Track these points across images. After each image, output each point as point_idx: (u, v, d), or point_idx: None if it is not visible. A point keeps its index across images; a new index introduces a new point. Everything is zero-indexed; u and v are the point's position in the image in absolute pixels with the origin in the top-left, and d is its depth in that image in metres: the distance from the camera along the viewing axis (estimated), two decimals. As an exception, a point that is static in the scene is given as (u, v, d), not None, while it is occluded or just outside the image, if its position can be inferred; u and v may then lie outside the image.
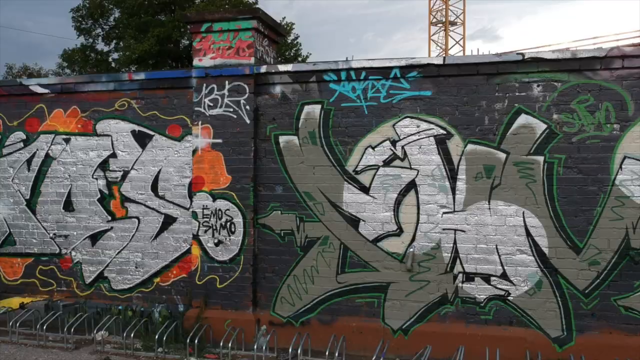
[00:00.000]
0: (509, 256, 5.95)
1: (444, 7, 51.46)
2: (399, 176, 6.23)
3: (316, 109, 6.47)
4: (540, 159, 5.85)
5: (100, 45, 27.04)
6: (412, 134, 6.20)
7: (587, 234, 5.74)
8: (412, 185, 6.21)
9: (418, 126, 6.18)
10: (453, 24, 52.20)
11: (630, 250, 5.63)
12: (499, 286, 5.98)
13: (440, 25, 52.26)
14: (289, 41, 28.43)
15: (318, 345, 6.05)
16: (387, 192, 6.27)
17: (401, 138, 6.23)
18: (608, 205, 5.69)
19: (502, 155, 5.94)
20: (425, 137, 6.17)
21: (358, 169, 6.35)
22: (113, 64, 25.99)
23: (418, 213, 6.19)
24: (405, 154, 6.22)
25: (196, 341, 6.21)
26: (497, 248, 5.98)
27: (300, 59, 28.68)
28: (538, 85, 5.86)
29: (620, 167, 5.66)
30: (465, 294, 6.07)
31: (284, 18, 37.67)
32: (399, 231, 6.24)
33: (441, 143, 6.12)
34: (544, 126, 5.84)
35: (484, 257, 6.01)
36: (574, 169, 5.77)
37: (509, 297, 5.96)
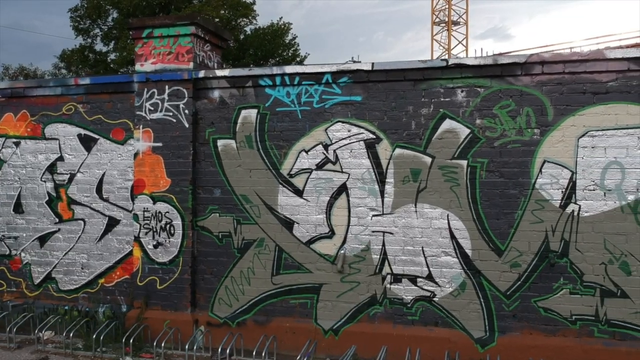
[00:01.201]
0: (434, 258, 6.08)
1: (446, 6, 51.61)
2: (331, 179, 6.36)
3: (252, 113, 6.61)
4: (464, 163, 5.98)
5: (99, 46, 27.23)
6: (343, 138, 6.34)
7: (509, 237, 5.87)
8: (343, 189, 6.34)
9: (349, 130, 6.32)
10: (456, 23, 52.32)
11: (550, 252, 5.75)
12: (425, 287, 6.11)
13: (443, 25, 52.40)
14: (287, 41, 28.63)
15: (253, 345, 6.17)
16: (319, 195, 6.40)
17: (333, 142, 6.36)
18: (528, 209, 5.82)
19: (428, 159, 6.07)
20: (356, 141, 6.30)
21: (292, 172, 6.48)
22: (112, 65, 26.14)
23: (349, 216, 6.32)
24: (337, 157, 6.35)
25: (131, 341, 6.34)
26: (423, 250, 6.11)
27: (298, 59, 28.83)
28: (462, 91, 5.99)
29: (540, 171, 5.79)
30: (393, 295, 6.20)
31: (280, 18, 37.80)
32: (331, 233, 6.37)
33: (371, 147, 6.25)
34: (468, 131, 5.97)
35: (410, 259, 6.14)
36: (496, 172, 5.90)
37: (434, 298, 6.09)
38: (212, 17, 24.12)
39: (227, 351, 6.02)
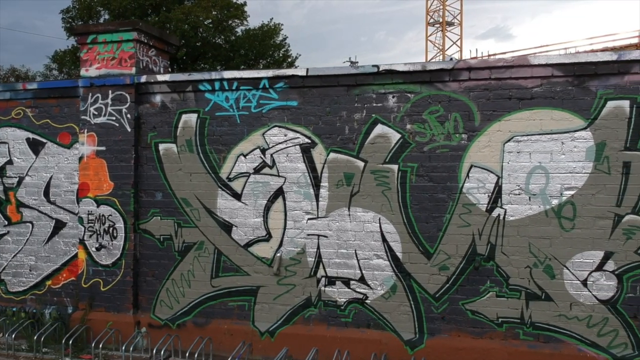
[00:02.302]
0: (366, 261, 6.16)
1: (441, 7, 51.73)
2: (268, 183, 6.45)
3: (193, 117, 6.69)
4: (395, 167, 6.06)
5: None
6: (280, 143, 6.42)
7: (437, 240, 5.95)
8: (280, 192, 6.42)
9: (285, 135, 6.40)
10: (450, 24, 52.45)
11: (477, 255, 5.83)
12: (358, 290, 6.19)
13: (438, 25, 52.54)
14: (278, 42, 28.72)
15: (192, 347, 6.23)
16: (257, 199, 6.48)
17: (270, 146, 6.44)
18: (456, 212, 5.90)
19: (361, 164, 6.15)
20: (292, 146, 6.38)
21: (231, 176, 6.56)
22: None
23: (285, 219, 6.40)
24: (273, 161, 6.43)
25: (71, 342, 6.43)
26: (356, 253, 6.19)
27: (289, 59, 28.92)
28: (393, 97, 6.08)
29: (468, 176, 5.87)
30: (328, 298, 6.28)
31: (271, 19, 37.88)
32: (268, 236, 6.46)
33: (306, 151, 6.33)
34: (398, 136, 6.05)
35: (344, 262, 6.22)
36: (425, 177, 5.98)
37: (366, 301, 6.17)
38: (202, 18, 24.21)
39: (162, 352, 6.10)
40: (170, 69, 7.59)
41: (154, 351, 6.20)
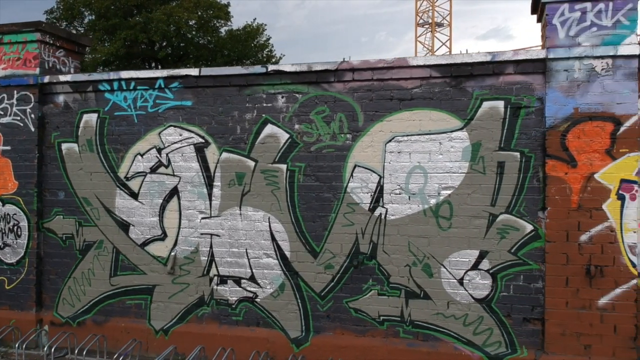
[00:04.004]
0: (257, 260, 6.21)
1: (430, 8, 51.86)
2: (163, 182, 6.50)
3: (93, 117, 6.74)
4: (284, 167, 6.11)
5: None
6: (175, 142, 6.47)
7: (323, 239, 6.00)
8: (175, 192, 6.47)
9: (180, 135, 6.45)
10: (440, 25, 52.57)
11: (360, 254, 5.89)
12: (249, 288, 6.24)
13: (427, 26, 52.66)
14: (262, 42, 28.76)
15: (91, 344, 6.28)
16: (153, 198, 6.53)
17: (166, 146, 6.50)
18: (341, 212, 5.95)
19: (252, 163, 6.21)
20: (187, 145, 6.44)
21: (129, 175, 6.61)
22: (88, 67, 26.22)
23: (180, 218, 6.45)
24: (169, 161, 6.48)
25: (-32, 340, 6.48)
26: (247, 252, 6.24)
27: (273, 60, 28.93)
28: (282, 97, 6.13)
29: (352, 175, 5.92)
30: (220, 296, 6.33)
31: (254, 20, 37.91)
32: (164, 236, 6.51)
33: (200, 151, 6.39)
34: (287, 136, 6.11)
35: (235, 261, 6.27)
36: (312, 176, 6.04)
37: (256, 299, 6.22)
38: (185, 19, 24.16)
39: (52, 349, 6.15)
40: (81, 69, 7.65)
41: (52, 349, 6.23)
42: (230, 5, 26.87)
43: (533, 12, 6.09)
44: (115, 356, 5.88)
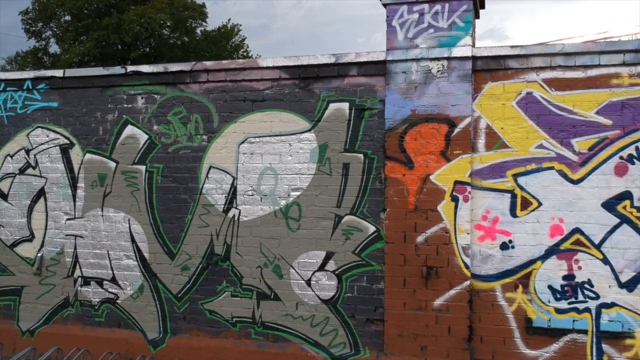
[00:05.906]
0: (117, 261, 6.20)
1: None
2: (31, 184, 6.49)
3: (-35, 118, 6.73)
4: (143, 168, 6.11)
5: (55, 48, 27.12)
6: (42, 143, 6.46)
7: (180, 241, 6.00)
8: (42, 193, 6.46)
9: (47, 136, 6.44)
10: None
11: (214, 256, 5.89)
12: (110, 290, 6.24)
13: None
14: (237, 42, 28.75)
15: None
16: (21, 199, 6.52)
17: (34, 147, 6.49)
18: (197, 213, 5.95)
19: (113, 165, 6.20)
20: (53, 147, 6.43)
21: (-1, 176, 6.61)
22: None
23: (47, 219, 6.44)
24: (37, 162, 6.47)
25: None
26: (108, 253, 6.24)
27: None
28: (142, 98, 6.13)
29: (207, 177, 5.92)
30: (84, 297, 6.32)
31: (229, 20, 37.85)
32: (32, 237, 6.50)
33: (65, 152, 6.38)
34: (146, 137, 6.10)
35: (98, 262, 6.27)
36: (170, 178, 6.03)
37: (117, 301, 6.22)
38: (158, 19, 24.05)
39: None
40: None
41: None
42: (206, 7, 26.81)
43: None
44: (-31, 358, 5.87)
